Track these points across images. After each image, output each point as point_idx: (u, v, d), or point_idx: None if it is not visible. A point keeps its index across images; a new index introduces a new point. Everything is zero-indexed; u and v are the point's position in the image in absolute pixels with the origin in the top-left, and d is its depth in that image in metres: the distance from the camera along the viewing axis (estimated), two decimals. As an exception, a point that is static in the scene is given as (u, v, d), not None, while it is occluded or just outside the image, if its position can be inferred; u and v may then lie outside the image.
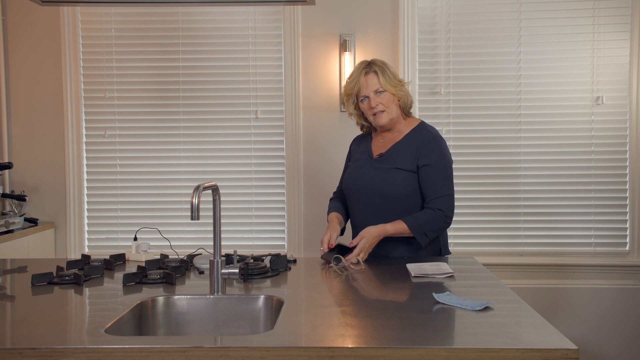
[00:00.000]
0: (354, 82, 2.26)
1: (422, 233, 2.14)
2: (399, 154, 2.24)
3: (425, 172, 2.19)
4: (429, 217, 2.16)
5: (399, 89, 2.26)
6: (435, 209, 2.17)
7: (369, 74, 2.24)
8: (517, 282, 3.26)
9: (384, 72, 2.23)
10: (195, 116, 3.47)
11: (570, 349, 1.24)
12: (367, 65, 2.27)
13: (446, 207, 2.18)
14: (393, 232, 2.14)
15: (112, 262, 2.14)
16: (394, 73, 2.27)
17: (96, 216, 3.51)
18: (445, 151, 2.24)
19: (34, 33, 3.46)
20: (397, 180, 2.20)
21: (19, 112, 3.48)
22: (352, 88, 2.27)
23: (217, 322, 1.71)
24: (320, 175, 3.42)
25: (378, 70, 2.24)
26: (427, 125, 2.32)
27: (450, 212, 2.19)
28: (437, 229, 2.19)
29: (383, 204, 2.22)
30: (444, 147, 2.25)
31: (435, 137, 2.25)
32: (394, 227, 2.14)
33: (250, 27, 3.44)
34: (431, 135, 2.25)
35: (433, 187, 2.18)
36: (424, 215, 2.17)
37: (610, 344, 3.22)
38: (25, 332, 1.40)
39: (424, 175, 2.19)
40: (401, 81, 2.29)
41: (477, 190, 3.39)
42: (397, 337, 1.33)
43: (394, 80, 2.25)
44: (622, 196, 3.36)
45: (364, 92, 2.24)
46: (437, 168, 2.19)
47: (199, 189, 1.67)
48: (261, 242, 3.47)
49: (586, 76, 3.34)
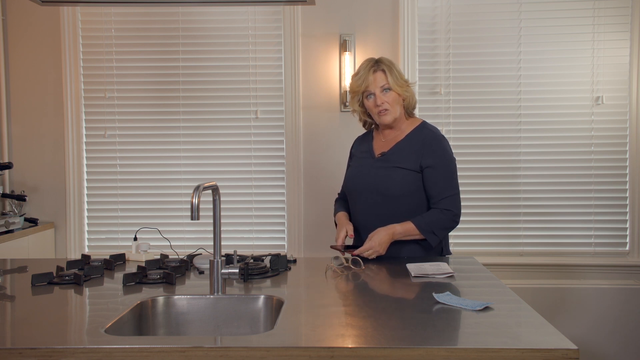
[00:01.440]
0: (361, 79, 2.24)
1: (430, 231, 2.14)
2: (401, 153, 2.24)
3: (429, 173, 2.19)
4: (436, 216, 2.17)
5: (405, 89, 2.26)
6: (442, 209, 2.17)
7: (377, 72, 2.23)
8: (517, 282, 3.26)
9: (391, 71, 2.24)
10: (195, 116, 3.47)
11: (570, 349, 1.24)
12: (374, 63, 2.26)
13: (454, 206, 2.18)
14: (402, 232, 2.15)
15: (112, 262, 2.14)
16: (401, 73, 2.28)
17: (96, 216, 3.51)
18: (448, 150, 2.24)
19: (34, 33, 3.46)
20: (397, 179, 2.20)
21: (19, 112, 3.48)
22: (360, 85, 2.25)
23: (217, 322, 1.71)
24: (321, 175, 3.42)
25: (386, 68, 2.24)
26: (429, 125, 2.31)
27: (458, 211, 2.19)
28: (446, 228, 2.19)
29: (384, 203, 2.21)
30: (446, 146, 2.24)
31: (437, 137, 2.25)
32: (403, 227, 2.15)
33: (250, 27, 3.44)
34: (433, 134, 2.25)
35: (439, 188, 2.18)
36: (431, 215, 2.18)
37: (610, 343, 3.22)
38: (25, 332, 1.40)
39: (428, 176, 2.19)
40: (407, 82, 2.29)
41: (477, 190, 3.39)
42: (397, 337, 1.33)
43: (401, 80, 2.25)
44: (622, 196, 3.36)
45: (371, 89, 2.24)
46: (441, 169, 2.19)
47: (199, 189, 1.67)
48: (261, 242, 3.47)
49: (586, 76, 3.34)
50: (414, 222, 2.15)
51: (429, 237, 2.15)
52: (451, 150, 2.27)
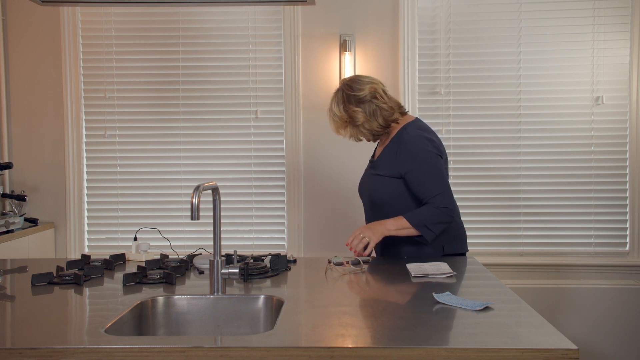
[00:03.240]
0: None
1: (424, 226, 2.10)
2: (384, 159, 2.25)
3: (411, 178, 2.16)
4: (430, 212, 2.12)
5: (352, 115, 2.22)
6: (437, 206, 2.13)
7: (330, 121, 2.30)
8: (517, 282, 3.26)
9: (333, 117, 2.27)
10: (195, 116, 3.47)
11: (570, 349, 1.24)
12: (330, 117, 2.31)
13: (447, 203, 2.14)
14: (395, 227, 2.12)
15: (112, 262, 2.14)
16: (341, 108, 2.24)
17: (96, 216, 3.51)
18: (425, 150, 2.17)
19: (34, 33, 3.46)
20: (378, 186, 2.23)
21: (19, 112, 3.48)
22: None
23: (217, 322, 1.71)
24: (321, 175, 3.42)
25: (330, 115, 2.28)
26: (411, 125, 2.25)
27: (451, 206, 2.15)
28: (441, 222, 2.13)
29: (374, 209, 2.26)
30: (423, 146, 2.17)
31: (412, 139, 2.18)
32: (396, 222, 2.12)
33: (250, 27, 3.44)
34: (408, 137, 2.20)
35: (426, 190, 2.15)
36: (425, 210, 2.13)
37: (610, 343, 3.22)
38: (25, 332, 1.40)
39: (411, 180, 2.16)
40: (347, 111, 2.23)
41: (477, 190, 3.40)
42: (397, 337, 1.33)
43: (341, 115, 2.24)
44: (622, 196, 3.36)
45: None
46: (420, 171, 2.15)
47: (199, 189, 1.67)
48: (261, 242, 3.47)
49: (586, 76, 3.34)
50: (405, 217, 2.12)
51: (423, 232, 2.11)
52: (432, 147, 2.18)
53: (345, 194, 3.35)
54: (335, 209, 3.39)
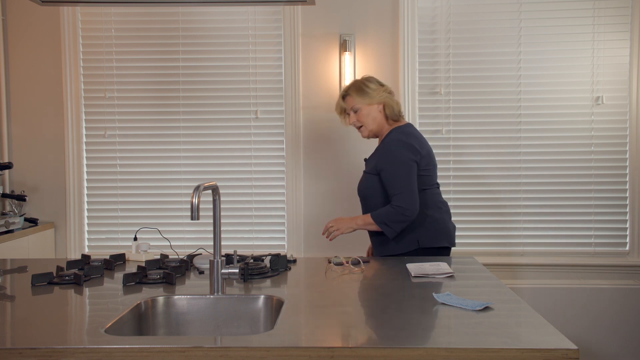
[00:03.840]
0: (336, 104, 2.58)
1: (383, 223, 2.32)
2: (371, 158, 2.50)
3: (383, 176, 2.38)
4: (387, 210, 2.34)
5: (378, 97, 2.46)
6: (393, 205, 2.33)
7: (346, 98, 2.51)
8: (517, 282, 3.26)
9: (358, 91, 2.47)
10: (195, 116, 3.47)
11: (570, 349, 1.24)
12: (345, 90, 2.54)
13: (403, 202, 2.31)
14: (362, 222, 2.37)
15: (112, 262, 2.14)
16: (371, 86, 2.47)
17: (96, 216, 3.51)
18: (399, 152, 2.37)
19: (34, 33, 3.46)
20: (363, 182, 2.49)
21: (19, 112, 3.48)
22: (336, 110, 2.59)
23: (217, 322, 1.71)
24: (321, 175, 3.42)
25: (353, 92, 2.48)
26: (397, 129, 2.45)
27: (408, 206, 2.31)
28: (398, 221, 2.31)
29: (362, 203, 2.51)
30: (399, 149, 2.37)
31: (392, 142, 2.40)
32: (364, 219, 2.38)
33: (250, 27, 3.44)
34: (389, 139, 2.43)
35: (390, 188, 2.36)
36: (385, 209, 2.35)
37: (610, 343, 3.22)
38: (25, 332, 1.40)
39: (383, 178, 2.38)
40: (379, 89, 2.48)
41: (477, 190, 3.40)
42: (397, 337, 1.33)
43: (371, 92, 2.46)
44: (622, 196, 3.36)
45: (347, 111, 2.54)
46: (390, 171, 2.36)
47: (199, 189, 1.67)
48: (261, 242, 3.47)
49: (586, 76, 3.34)
50: (371, 214, 2.37)
51: (383, 228, 2.32)
52: (408, 150, 2.37)
53: (345, 194, 3.35)
54: (335, 209, 3.39)
